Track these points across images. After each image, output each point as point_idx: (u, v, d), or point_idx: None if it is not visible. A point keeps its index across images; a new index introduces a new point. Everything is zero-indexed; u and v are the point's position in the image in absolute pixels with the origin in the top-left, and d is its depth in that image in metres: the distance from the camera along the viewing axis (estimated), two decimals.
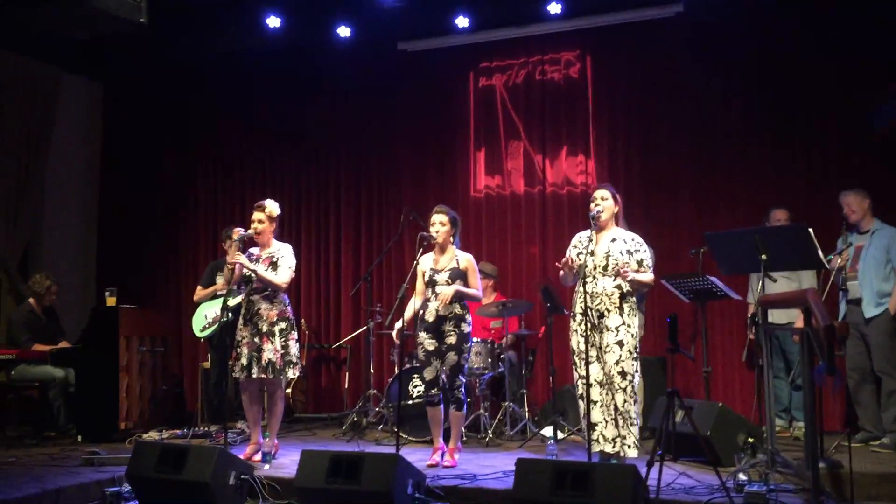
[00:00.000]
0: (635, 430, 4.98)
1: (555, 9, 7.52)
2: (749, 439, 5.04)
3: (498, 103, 8.04)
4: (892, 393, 5.72)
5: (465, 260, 5.52)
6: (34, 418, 7.16)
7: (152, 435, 6.69)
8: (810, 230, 4.63)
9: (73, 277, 8.57)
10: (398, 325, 5.50)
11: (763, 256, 4.67)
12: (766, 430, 4.82)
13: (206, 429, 6.81)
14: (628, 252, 5.08)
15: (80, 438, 6.69)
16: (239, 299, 6.11)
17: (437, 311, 5.43)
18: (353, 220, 8.45)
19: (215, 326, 6.85)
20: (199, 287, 7.13)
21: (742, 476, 4.53)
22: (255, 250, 5.78)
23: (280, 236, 5.92)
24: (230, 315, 6.08)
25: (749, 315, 6.62)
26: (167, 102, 9.02)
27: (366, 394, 7.26)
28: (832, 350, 4.15)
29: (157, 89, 9.00)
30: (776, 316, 6.26)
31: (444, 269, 5.50)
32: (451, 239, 5.56)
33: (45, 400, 6.97)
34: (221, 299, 6.70)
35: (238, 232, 5.67)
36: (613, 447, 4.95)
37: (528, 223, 7.85)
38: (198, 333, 7.02)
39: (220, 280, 6.91)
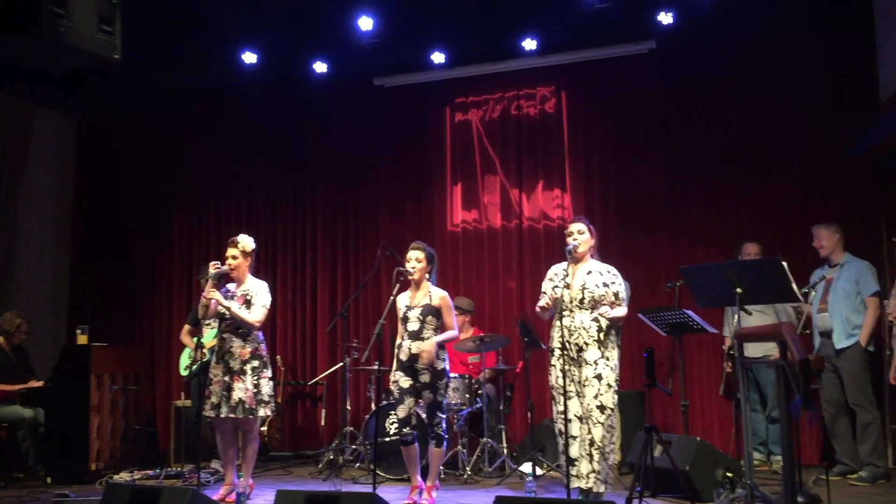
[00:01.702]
0: (608, 465, 4.94)
1: (530, 45, 7.60)
2: (728, 474, 5.02)
3: (474, 138, 8.08)
4: (868, 425, 5.75)
5: (439, 297, 5.48)
6: (2, 459, 6.98)
7: (123, 476, 6.56)
8: (784, 263, 4.66)
9: (44, 315, 8.43)
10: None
11: (738, 290, 4.69)
12: (745, 463, 4.81)
13: (179, 469, 6.68)
14: (604, 284, 5.08)
15: (49, 480, 6.53)
16: (214, 340, 6.07)
17: (409, 349, 5.39)
18: (329, 255, 8.41)
19: (197, 366, 6.77)
20: (185, 326, 7.05)
21: None
22: (231, 286, 5.73)
23: (256, 271, 5.87)
24: (209, 354, 6.03)
25: (725, 348, 6.66)
26: (142, 138, 8.96)
27: (342, 431, 7.16)
28: (808, 383, 4.16)
29: (131, 125, 8.95)
30: (751, 349, 6.29)
31: (417, 305, 5.47)
32: (427, 275, 5.54)
33: (13, 440, 6.81)
34: (207, 336, 6.68)
35: (215, 266, 5.62)
36: (587, 483, 4.92)
37: (505, 257, 7.85)
38: (182, 372, 6.99)
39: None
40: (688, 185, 7.37)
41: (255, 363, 5.55)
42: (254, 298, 5.63)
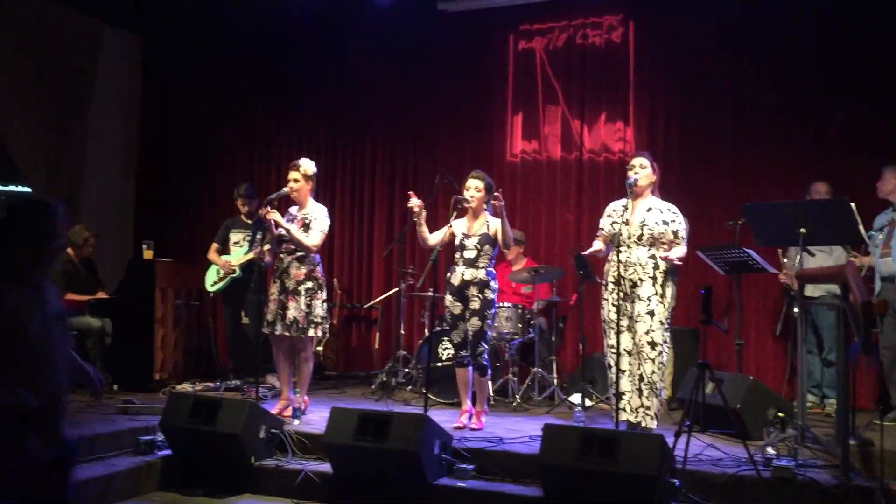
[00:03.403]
0: (658, 401, 4.97)
1: None
2: (779, 414, 5.00)
3: (537, 67, 7.94)
4: None
5: (496, 226, 5.50)
6: None
7: (185, 387, 6.81)
8: (852, 204, 4.53)
9: (111, 230, 8.68)
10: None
11: (802, 230, 4.58)
12: (798, 404, 4.78)
13: (238, 383, 6.92)
14: (664, 222, 5.03)
15: (115, 387, 6.82)
16: (250, 255, 6.25)
17: (462, 275, 5.43)
18: (387, 181, 8.45)
19: (225, 281, 6.96)
20: (213, 244, 7.18)
21: (770, 450, 4.52)
22: (293, 209, 5.82)
23: (316, 196, 5.94)
24: (239, 271, 6.20)
25: (784, 287, 6.55)
26: (207, 58, 9.03)
27: (396, 354, 7.31)
28: (868, 327, 4.09)
29: (197, 45, 9.01)
30: (810, 290, 6.18)
31: (475, 234, 5.49)
32: (485, 205, 5.54)
33: (82, 349, 7.10)
34: (235, 254, 6.85)
35: (278, 194, 5.72)
36: (636, 417, 4.96)
37: (563, 189, 7.78)
38: (209, 288, 7.13)
39: (233, 237, 7.01)
40: (754, 123, 7.15)
41: (310, 284, 5.67)
42: (312, 223, 5.72)
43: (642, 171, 5.12)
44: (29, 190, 8.24)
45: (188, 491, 4.94)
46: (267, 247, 5.97)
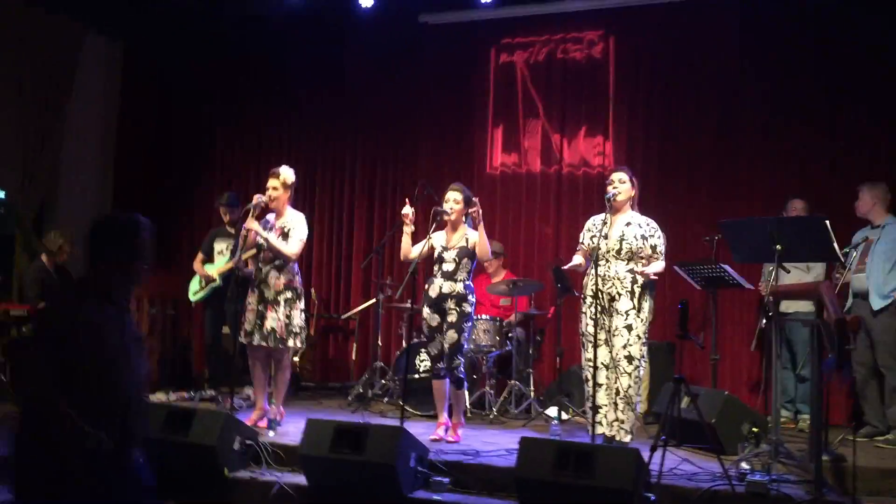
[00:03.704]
0: (633, 415, 4.99)
1: None
2: (754, 429, 5.03)
3: (518, 80, 7.98)
4: None
5: (474, 239, 5.50)
6: None
7: (160, 396, 6.75)
8: (827, 222, 4.58)
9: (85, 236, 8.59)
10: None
11: (778, 247, 4.63)
12: (772, 419, 4.82)
13: (213, 393, 6.86)
14: (643, 237, 5.06)
15: None
16: (230, 265, 6.23)
17: (440, 288, 5.43)
18: (367, 191, 8.44)
19: (206, 291, 6.91)
20: (199, 254, 7.13)
21: (745, 465, 4.54)
22: (270, 217, 5.79)
23: (294, 204, 5.92)
24: (220, 280, 6.18)
25: (761, 302, 6.60)
26: (186, 65, 8.99)
27: (373, 366, 7.29)
28: (842, 344, 4.13)
29: (176, 51, 8.96)
30: (785, 306, 6.24)
31: (453, 247, 5.50)
32: (464, 218, 5.54)
33: None
34: (217, 263, 6.81)
35: (257, 198, 5.68)
36: (611, 430, 4.97)
37: (542, 203, 7.81)
38: (191, 297, 7.10)
39: (217, 247, 6.97)
40: (733, 139, 7.22)
41: (289, 294, 5.64)
42: (291, 231, 5.69)
43: (621, 185, 5.15)
44: (2, 195, 8.15)
45: (160, 502, 4.87)
46: (251, 253, 5.93)
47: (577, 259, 5.28)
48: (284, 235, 5.68)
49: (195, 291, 7.04)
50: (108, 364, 2.76)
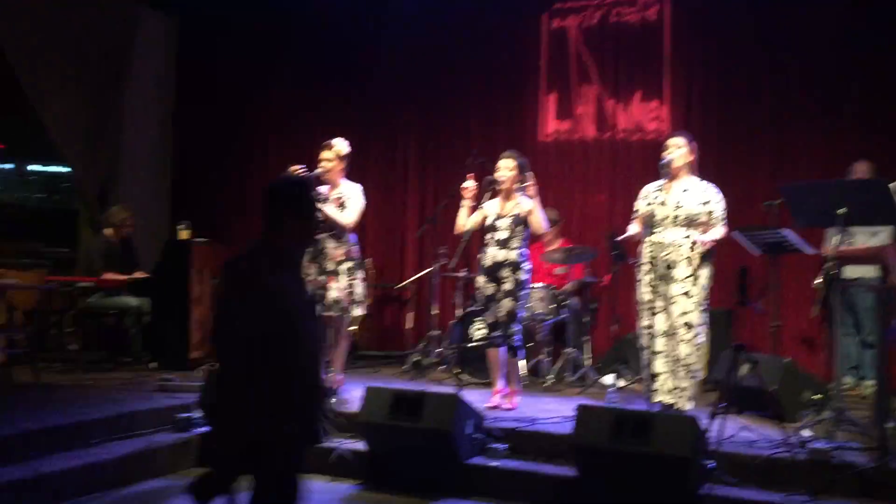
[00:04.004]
0: (694, 383, 4.94)
1: None
2: (816, 396, 4.95)
3: (571, 46, 7.87)
4: None
5: (528, 206, 5.48)
6: (111, 344, 7.45)
7: None
8: (890, 185, 4.45)
9: (147, 210, 8.78)
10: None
11: (840, 210, 4.51)
12: (834, 387, 4.73)
13: None
14: (701, 203, 4.98)
15: (153, 366, 6.94)
16: None
17: (494, 257, 5.43)
18: (420, 161, 8.45)
19: None
20: None
21: (806, 432, 4.47)
22: (324, 189, 5.84)
23: (348, 176, 5.96)
24: None
25: (823, 269, 6.46)
26: (241, 39, 9.07)
27: (428, 334, 7.35)
28: None
29: (230, 24, 9.04)
30: (849, 271, 6.08)
31: (507, 214, 5.48)
32: (517, 185, 5.52)
33: (121, 327, 7.24)
34: None
35: (296, 170, 5.69)
36: (670, 398, 4.94)
37: (596, 170, 7.73)
38: None
39: None
40: (795, 101, 7.03)
41: (350, 264, 5.71)
42: (347, 202, 5.74)
43: (677, 151, 5.07)
44: (69, 169, 8.38)
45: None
46: None
47: (633, 229, 5.22)
48: (341, 206, 5.73)
49: None
50: (297, 328, 2.79)
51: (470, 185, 5.47)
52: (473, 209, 5.61)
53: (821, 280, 6.22)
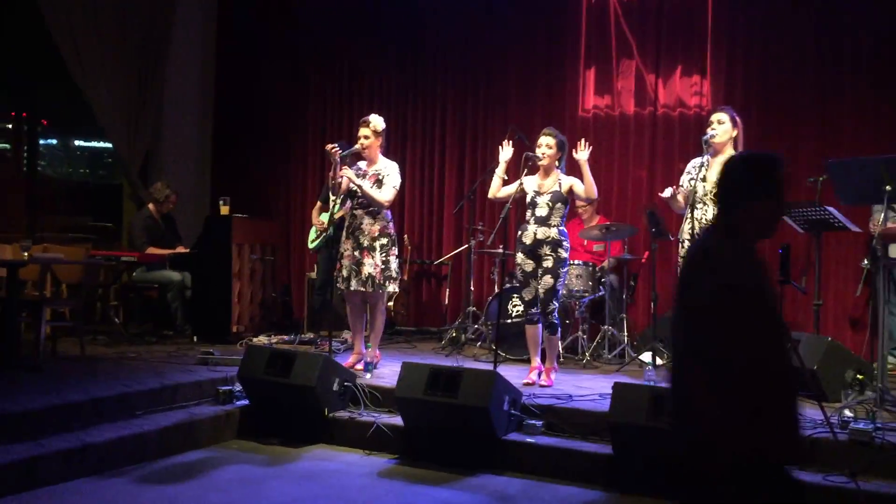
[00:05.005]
0: None
1: None
2: (858, 376, 4.88)
3: (611, 19, 7.74)
4: None
5: (568, 183, 5.45)
6: (154, 318, 7.59)
7: (262, 339, 7.00)
8: None
9: (188, 186, 8.90)
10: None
11: (888, 187, 4.42)
12: (877, 366, 4.66)
13: (311, 336, 7.07)
14: None
15: (195, 339, 7.06)
16: (341, 213, 6.30)
17: (534, 234, 5.42)
18: (458, 138, 8.42)
19: (321, 239, 7.07)
20: (317, 203, 7.31)
21: (848, 412, 4.42)
22: (362, 165, 5.87)
23: (386, 152, 5.97)
24: (333, 229, 6.30)
25: (869, 245, 6.34)
26: (279, 15, 9.09)
27: (465, 311, 7.36)
28: None
29: (271, 4, 9.08)
30: (894, 250, 5.95)
31: (546, 191, 5.46)
32: (557, 163, 5.49)
33: (163, 301, 7.37)
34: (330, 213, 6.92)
35: (332, 149, 5.73)
36: None
37: (636, 145, 7.63)
38: (309, 245, 7.34)
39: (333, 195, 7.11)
40: (839, 75, 6.85)
41: (384, 241, 5.74)
42: (385, 179, 5.76)
43: (720, 126, 5.00)
44: (111, 146, 8.50)
45: (265, 440, 5.11)
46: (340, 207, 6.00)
47: (668, 192, 5.19)
48: (379, 182, 5.75)
49: (312, 240, 7.30)
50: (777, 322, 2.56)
51: (505, 154, 5.48)
52: (506, 182, 5.60)
53: (867, 260, 6.11)
